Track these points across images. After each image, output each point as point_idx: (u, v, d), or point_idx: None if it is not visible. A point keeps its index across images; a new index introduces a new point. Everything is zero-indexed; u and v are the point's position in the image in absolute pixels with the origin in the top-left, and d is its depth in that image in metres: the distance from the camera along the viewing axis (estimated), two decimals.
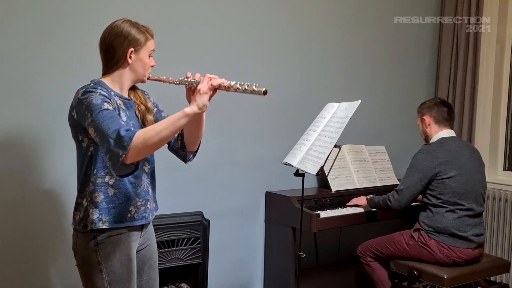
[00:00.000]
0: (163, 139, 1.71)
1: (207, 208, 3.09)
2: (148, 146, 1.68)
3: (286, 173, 2.97)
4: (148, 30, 1.95)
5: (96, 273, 1.86)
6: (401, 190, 3.01)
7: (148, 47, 1.94)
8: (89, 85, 1.85)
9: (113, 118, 1.73)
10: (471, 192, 3.01)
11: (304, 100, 3.51)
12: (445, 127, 3.15)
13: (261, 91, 1.71)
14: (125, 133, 1.66)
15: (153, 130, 1.70)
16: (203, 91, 1.74)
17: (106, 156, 1.70)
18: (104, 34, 1.92)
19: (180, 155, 2.11)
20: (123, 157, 1.65)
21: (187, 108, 1.73)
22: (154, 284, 2.09)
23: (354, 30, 3.77)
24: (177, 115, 1.72)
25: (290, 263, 3.20)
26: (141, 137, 1.66)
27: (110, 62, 1.91)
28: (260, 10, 3.29)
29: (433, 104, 3.18)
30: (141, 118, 1.98)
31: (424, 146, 3.10)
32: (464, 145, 3.17)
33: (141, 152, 1.69)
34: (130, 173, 1.75)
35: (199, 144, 2.10)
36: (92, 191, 1.85)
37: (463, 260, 2.96)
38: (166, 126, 1.70)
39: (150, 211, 2.01)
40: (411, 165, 3.05)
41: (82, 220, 1.87)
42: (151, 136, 1.68)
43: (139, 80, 1.98)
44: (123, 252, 1.89)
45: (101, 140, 1.71)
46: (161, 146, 1.76)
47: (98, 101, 1.76)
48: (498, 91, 4.00)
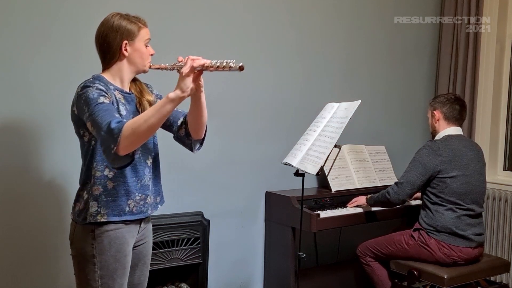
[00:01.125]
0: (152, 127, 1.72)
1: (207, 208, 3.09)
2: (138, 135, 1.70)
3: (286, 173, 2.97)
4: (139, 20, 1.95)
5: (89, 265, 1.90)
6: (401, 183, 3.01)
7: (143, 36, 1.93)
8: (88, 80, 1.88)
9: (107, 111, 1.74)
10: (471, 194, 3.00)
11: (304, 100, 3.51)
12: (454, 125, 3.12)
13: (237, 66, 1.72)
14: (115, 125, 1.68)
15: (141, 119, 1.71)
16: (184, 74, 1.74)
17: (102, 148, 1.73)
18: (97, 31, 1.93)
19: (186, 143, 2.10)
20: (114, 149, 1.68)
21: (171, 93, 1.73)
22: (145, 280, 2.13)
23: (354, 30, 3.77)
24: (163, 101, 1.73)
25: (290, 263, 3.20)
26: (129, 127, 1.68)
27: (107, 57, 1.92)
28: (261, 10, 3.29)
29: (447, 100, 3.14)
30: (142, 111, 1.96)
31: (429, 142, 3.08)
32: (470, 144, 3.13)
33: (133, 142, 1.70)
34: (126, 164, 1.77)
35: (205, 132, 2.07)
36: (92, 184, 1.88)
37: (463, 259, 2.96)
38: (153, 114, 1.71)
39: (149, 205, 2.02)
40: (414, 159, 3.04)
41: (81, 212, 1.90)
42: (140, 124, 1.69)
43: (140, 71, 1.99)
44: (119, 248, 1.92)
45: (96, 133, 1.75)
46: (152, 134, 1.79)
47: (95, 95, 1.78)
48: (498, 91, 4.01)
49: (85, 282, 1.91)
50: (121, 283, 1.94)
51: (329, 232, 3.52)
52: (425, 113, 3.80)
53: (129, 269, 1.98)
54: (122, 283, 1.94)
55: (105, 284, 1.90)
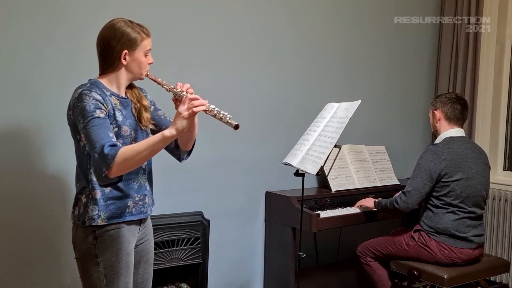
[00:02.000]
0: (143, 159, 1.81)
1: (207, 208, 3.09)
2: (129, 165, 1.79)
3: (286, 173, 2.97)
4: (143, 29, 1.96)
5: (93, 266, 1.92)
6: (409, 192, 2.95)
7: (144, 46, 1.95)
8: (85, 85, 1.89)
9: (102, 129, 1.80)
10: (474, 196, 2.99)
11: (304, 100, 3.51)
12: (455, 126, 3.08)
13: (233, 124, 1.81)
14: (109, 151, 1.75)
15: (134, 150, 1.78)
16: (183, 116, 1.79)
17: (92, 166, 1.82)
18: (100, 34, 1.94)
19: (175, 154, 2.16)
20: (105, 173, 1.76)
21: (166, 131, 1.80)
22: (149, 278, 2.15)
23: (354, 30, 3.77)
24: (157, 138, 1.80)
25: (290, 263, 3.20)
26: (122, 156, 1.75)
27: (106, 63, 1.95)
28: (260, 10, 3.29)
29: (448, 100, 3.10)
30: (137, 116, 2.01)
31: (432, 146, 3.03)
32: (472, 146, 3.11)
33: (122, 170, 1.79)
34: (114, 183, 1.86)
35: (193, 144, 2.14)
36: (90, 188, 1.90)
37: (463, 260, 2.96)
38: (146, 148, 1.79)
39: (148, 205, 2.05)
40: (418, 165, 2.99)
41: (81, 215, 1.92)
42: (132, 156, 1.77)
43: (137, 78, 2.01)
44: (121, 247, 1.94)
45: (89, 150, 1.82)
46: (141, 164, 1.90)
47: (91, 107, 1.81)
48: (498, 91, 4.00)
49: (91, 283, 1.93)
50: (126, 282, 1.96)
51: (329, 232, 3.52)
52: (426, 113, 3.81)
53: (133, 268, 2.00)
54: (127, 282, 1.96)
55: (111, 283, 1.92)
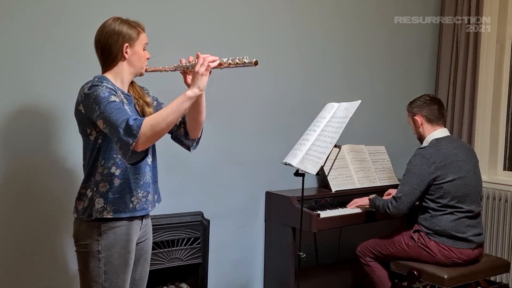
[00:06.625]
0: (170, 124, 1.81)
1: (207, 208, 3.09)
2: (157, 131, 1.79)
3: (286, 173, 2.97)
4: (139, 24, 2.02)
5: (94, 261, 1.94)
6: (400, 198, 2.95)
7: (141, 40, 2.01)
8: (93, 80, 1.93)
9: (120, 109, 1.82)
10: (469, 194, 2.99)
11: (304, 100, 3.51)
12: (438, 126, 3.09)
13: (252, 62, 1.82)
14: (134, 122, 1.76)
15: (160, 116, 1.80)
16: (202, 73, 1.84)
17: (117, 145, 1.80)
18: (98, 34, 1.99)
19: (184, 143, 2.18)
20: (133, 145, 1.76)
21: (188, 91, 1.84)
22: (145, 276, 2.19)
23: (354, 30, 3.77)
24: (180, 99, 1.82)
25: (290, 263, 3.20)
26: (149, 124, 1.77)
27: (108, 59, 1.98)
28: (260, 9, 3.29)
29: (423, 103, 3.11)
30: (140, 112, 2.05)
31: (420, 150, 3.03)
32: (459, 145, 3.12)
33: (150, 139, 1.79)
34: (141, 159, 1.88)
35: (201, 131, 2.16)
36: (98, 181, 1.93)
37: (463, 260, 2.96)
38: (172, 111, 1.81)
39: (150, 202, 2.07)
40: (408, 170, 2.99)
41: (86, 209, 1.94)
42: (159, 122, 1.78)
43: (138, 73, 2.05)
44: (123, 244, 1.97)
45: (111, 131, 1.80)
46: (168, 131, 1.87)
47: (106, 94, 1.84)
48: (498, 91, 4.00)
49: (89, 277, 1.96)
50: (124, 279, 1.99)
51: (329, 232, 3.52)
52: None
53: (132, 266, 2.03)
54: (125, 279, 2.00)
55: (109, 280, 1.95)
